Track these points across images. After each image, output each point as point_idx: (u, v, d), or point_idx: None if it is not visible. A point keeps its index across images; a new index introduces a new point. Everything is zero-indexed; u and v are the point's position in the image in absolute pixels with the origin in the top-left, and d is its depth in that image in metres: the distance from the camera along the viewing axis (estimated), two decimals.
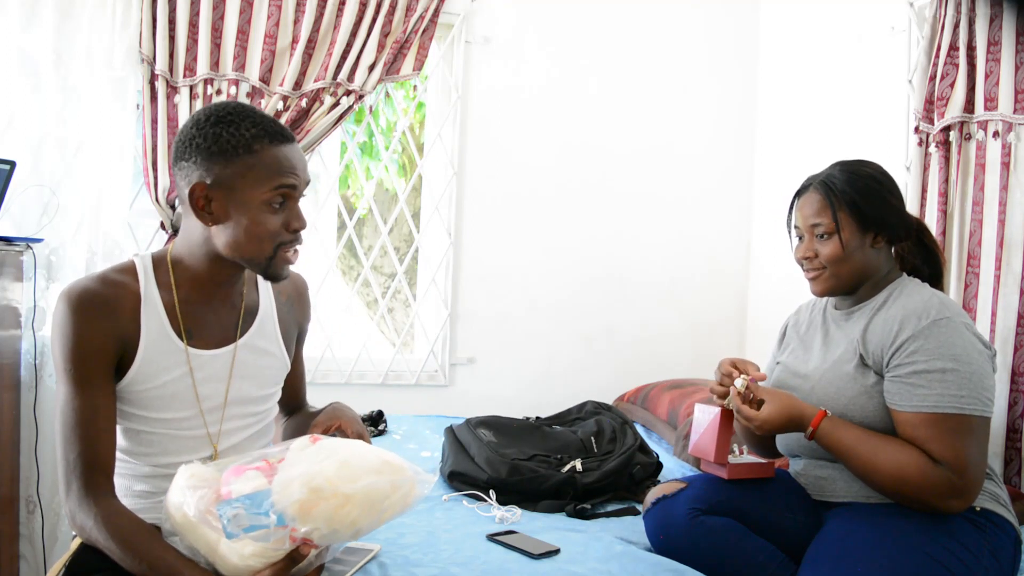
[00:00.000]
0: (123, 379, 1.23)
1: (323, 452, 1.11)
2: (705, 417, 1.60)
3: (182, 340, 1.27)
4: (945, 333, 1.40)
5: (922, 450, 1.37)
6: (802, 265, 1.58)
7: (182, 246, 1.30)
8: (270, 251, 1.24)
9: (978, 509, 1.42)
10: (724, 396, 1.55)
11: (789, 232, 1.63)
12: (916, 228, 1.60)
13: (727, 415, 1.56)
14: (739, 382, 1.52)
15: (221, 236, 1.23)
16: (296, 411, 1.56)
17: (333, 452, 1.11)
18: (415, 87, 2.81)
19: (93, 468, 1.18)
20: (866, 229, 1.51)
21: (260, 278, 1.40)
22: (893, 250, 1.59)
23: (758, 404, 1.49)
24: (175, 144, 1.26)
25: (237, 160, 1.20)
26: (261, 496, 1.05)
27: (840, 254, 1.51)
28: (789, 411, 1.47)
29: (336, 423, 1.31)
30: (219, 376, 1.31)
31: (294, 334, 1.46)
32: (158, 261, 1.30)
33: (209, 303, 1.31)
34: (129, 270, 1.28)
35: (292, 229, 1.25)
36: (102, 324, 1.20)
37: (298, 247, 1.28)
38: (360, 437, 1.27)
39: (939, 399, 1.37)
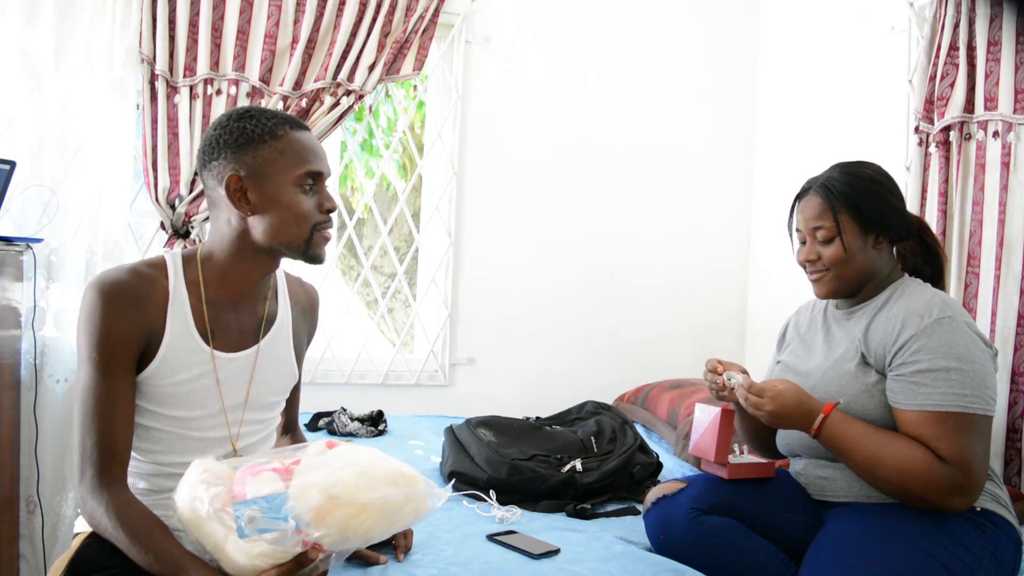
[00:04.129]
0: (142, 373, 1.25)
1: (341, 460, 1.12)
2: (705, 417, 1.60)
3: (204, 340, 1.28)
4: (948, 332, 1.40)
5: (927, 448, 1.37)
6: (805, 268, 1.58)
7: (213, 244, 1.32)
8: (307, 232, 1.28)
9: (979, 510, 1.42)
10: (722, 389, 1.55)
11: (790, 235, 1.63)
12: (917, 227, 1.60)
13: (727, 415, 1.56)
14: (737, 377, 1.52)
15: (259, 225, 1.26)
16: (289, 430, 1.57)
17: (351, 460, 1.12)
18: (415, 86, 2.81)
19: (108, 457, 1.19)
20: (867, 231, 1.51)
21: (280, 288, 1.42)
22: (895, 250, 1.59)
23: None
24: (200, 151, 1.30)
25: (264, 147, 1.25)
26: (279, 500, 1.06)
27: (843, 256, 1.51)
28: (798, 393, 1.46)
29: None
30: (235, 379, 1.32)
31: (303, 346, 1.49)
32: (187, 259, 1.32)
33: (234, 307, 1.33)
34: (160, 265, 1.29)
35: (325, 210, 1.30)
36: (130, 315, 1.22)
37: (329, 231, 1.33)
38: None
39: (943, 397, 1.37)
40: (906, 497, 1.40)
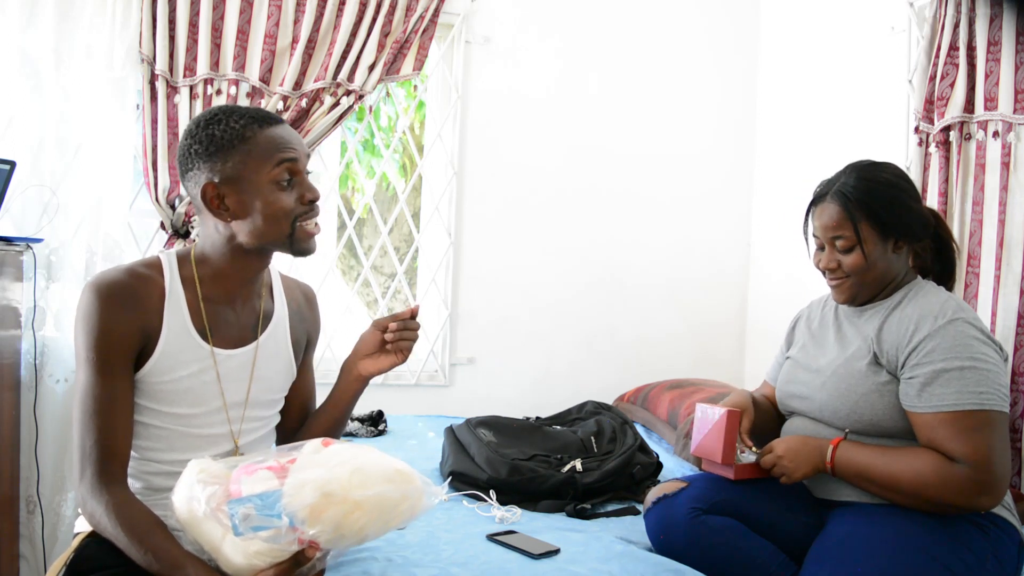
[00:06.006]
0: (140, 371, 1.25)
1: (336, 457, 1.12)
2: (709, 418, 1.59)
3: (203, 337, 1.29)
4: (961, 333, 1.40)
5: (942, 451, 1.37)
6: (824, 274, 1.57)
7: (205, 245, 1.32)
8: (288, 228, 1.27)
9: (982, 512, 1.42)
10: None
11: (806, 238, 1.62)
12: (934, 224, 1.59)
13: (733, 416, 1.56)
14: (750, 456, 1.56)
15: (243, 228, 1.27)
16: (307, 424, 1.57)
17: (346, 458, 1.12)
18: (415, 86, 2.81)
19: (108, 456, 1.20)
20: (887, 237, 1.50)
21: (275, 285, 1.43)
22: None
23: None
24: (178, 161, 1.30)
25: (235, 151, 1.24)
26: (273, 497, 1.06)
27: (863, 264, 1.50)
28: (803, 440, 1.49)
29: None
30: (235, 376, 1.32)
31: (303, 343, 1.48)
32: (182, 259, 1.32)
33: (230, 304, 1.33)
34: (155, 265, 1.30)
35: (307, 201, 1.29)
36: (127, 314, 1.23)
37: (317, 220, 1.31)
38: None
39: (958, 396, 1.36)
40: (932, 506, 1.39)
